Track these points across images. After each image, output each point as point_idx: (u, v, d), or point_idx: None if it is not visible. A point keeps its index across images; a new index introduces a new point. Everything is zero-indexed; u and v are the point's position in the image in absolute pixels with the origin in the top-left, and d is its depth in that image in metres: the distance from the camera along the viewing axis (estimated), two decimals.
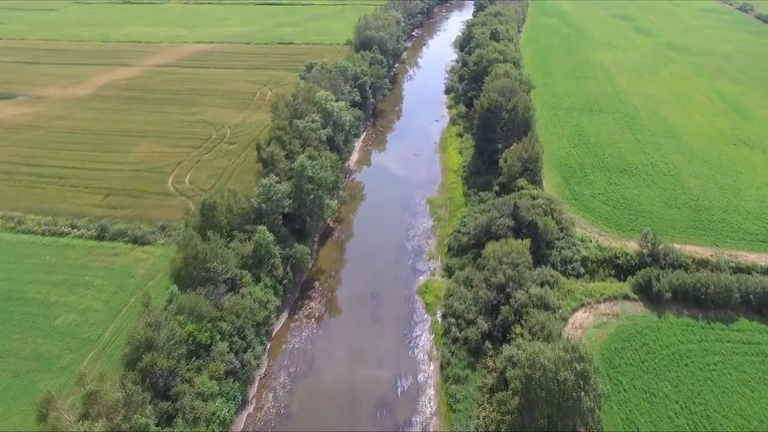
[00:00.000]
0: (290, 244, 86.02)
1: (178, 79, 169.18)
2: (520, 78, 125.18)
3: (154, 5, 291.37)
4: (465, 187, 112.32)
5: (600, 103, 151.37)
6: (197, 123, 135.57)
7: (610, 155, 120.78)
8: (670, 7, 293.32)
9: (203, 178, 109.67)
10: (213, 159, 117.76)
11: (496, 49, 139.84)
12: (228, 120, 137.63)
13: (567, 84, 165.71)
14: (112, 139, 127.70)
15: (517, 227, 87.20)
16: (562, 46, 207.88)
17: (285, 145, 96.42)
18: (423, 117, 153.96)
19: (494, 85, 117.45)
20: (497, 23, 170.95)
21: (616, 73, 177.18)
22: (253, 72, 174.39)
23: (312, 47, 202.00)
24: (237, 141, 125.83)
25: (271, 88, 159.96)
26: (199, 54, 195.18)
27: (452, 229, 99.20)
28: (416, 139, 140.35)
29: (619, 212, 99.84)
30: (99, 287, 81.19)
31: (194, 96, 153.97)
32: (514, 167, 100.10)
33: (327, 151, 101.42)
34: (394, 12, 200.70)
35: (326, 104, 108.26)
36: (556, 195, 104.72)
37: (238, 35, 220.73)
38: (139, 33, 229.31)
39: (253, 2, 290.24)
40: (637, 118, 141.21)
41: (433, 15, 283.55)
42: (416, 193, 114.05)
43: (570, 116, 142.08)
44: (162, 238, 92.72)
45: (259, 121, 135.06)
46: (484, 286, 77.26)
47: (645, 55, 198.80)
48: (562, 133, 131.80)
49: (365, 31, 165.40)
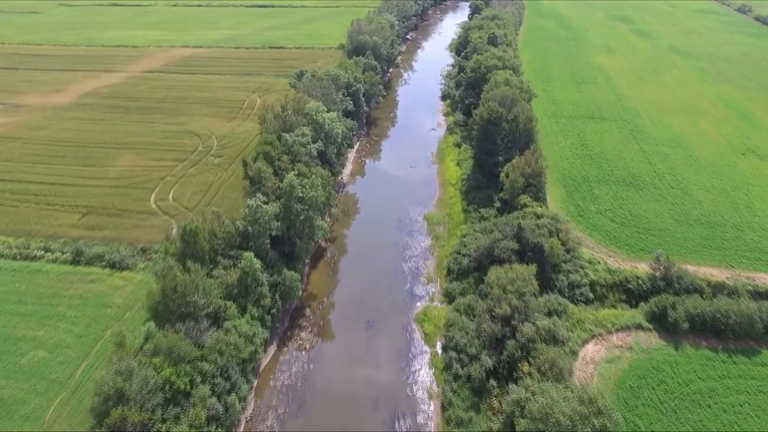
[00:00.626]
0: (279, 270, 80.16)
1: (164, 86, 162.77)
2: (520, 86, 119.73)
3: (142, 8, 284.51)
4: (464, 202, 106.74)
5: (602, 110, 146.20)
6: (183, 134, 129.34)
7: (615, 167, 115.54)
8: (668, 9, 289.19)
9: (187, 195, 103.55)
10: (198, 173, 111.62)
11: (494, 56, 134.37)
12: (215, 130, 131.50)
13: (567, 90, 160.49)
14: (92, 151, 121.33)
15: (521, 250, 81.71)
16: (561, 50, 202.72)
17: (273, 161, 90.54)
18: (419, 125, 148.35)
19: (494, 94, 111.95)
20: (494, 27, 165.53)
21: (617, 78, 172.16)
22: (243, 78, 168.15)
23: (303, 52, 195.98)
24: (224, 153, 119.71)
25: (260, 95, 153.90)
26: (187, 59, 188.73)
27: (452, 249, 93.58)
28: (412, 148, 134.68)
29: (627, 230, 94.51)
30: (72, 319, 75.00)
31: (180, 104, 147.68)
32: (516, 183, 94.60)
33: (318, 166, 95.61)
34: (388, 15, 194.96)
35: (317, 116, 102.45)
36: (561, 212, 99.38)
37: (228, 39, 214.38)
38: (125, 37, 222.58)
39: (243, 4, 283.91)
40: (641, 126, 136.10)
41: (428, 17, 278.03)
42: (413, 208, 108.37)
43: (572, 124, 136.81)
44: (142, 262, 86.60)
45: (247, 132, 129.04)
46: (488, 318, 71.68)
47: (646, 58, 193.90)
48: (564, 143, 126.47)
49: (358, 36, 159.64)
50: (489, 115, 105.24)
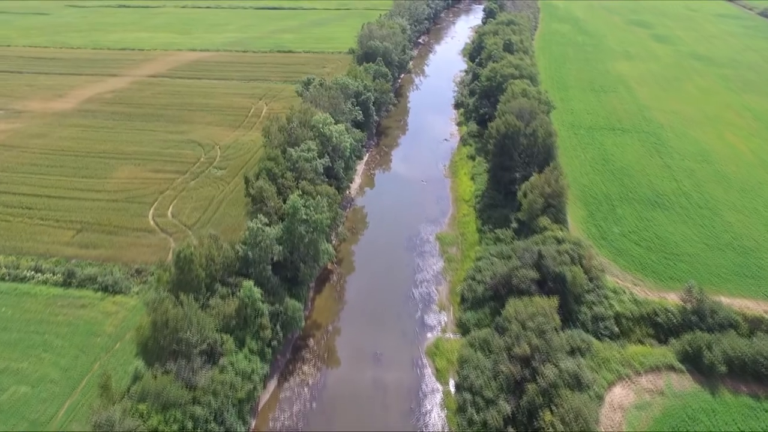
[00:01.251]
0: (281, 297, 74.77)
1: (168, 91, 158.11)
2: (538, 97, 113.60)
3: (150, 9, 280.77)
4: (479, 221, 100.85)
5: (623, 121, 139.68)
6: (185, 143, 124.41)
7: (638, 184, 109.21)
8: (687, 13, 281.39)
9: (187, 211, 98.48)
10: (200, 187, 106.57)
11: (510, 64, 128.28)
12: (219, 140, 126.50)
13: (586, 99, 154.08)
14: (91, 161, 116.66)
15: (541, 279, 75.77)
16: (578, 56, 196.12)
17: (276, 178, 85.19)
18: (431, 135, 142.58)
19: (511, 106, 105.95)
20: (510, 33, 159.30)
21: (638, 87, 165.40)
22: (249, 84, 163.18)
23: (312, 56, 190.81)
24: (227, 165, 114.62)
25: (267, 102, 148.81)
26: (193, 63, 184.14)
27: (465, 273, 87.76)
28: (424, 161, 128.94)
29: (654, 255, 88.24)
30: (58, 349, 70.04)
31: (184, 112, 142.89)
32: (535, 204, 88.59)
33: (324, 184, 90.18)
34: (400, 19, 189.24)
35: (324, 129, 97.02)
36: (582, 233, 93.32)
37: (235, 42, 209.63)
38: (131, 39, 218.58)
39: (252, 6, 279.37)
40: (664, 138, 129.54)
41: (440, 20, 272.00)
42: (424, 227, 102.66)
43: (591, 136, 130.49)
44: (136, 285, 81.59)
45: (252, 141, 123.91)
46: (506, 357, 65.85)
47: (666, 66, 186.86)
48: (584, 157, 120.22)
49: (369, 41, 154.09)
50: (506, 129, 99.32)
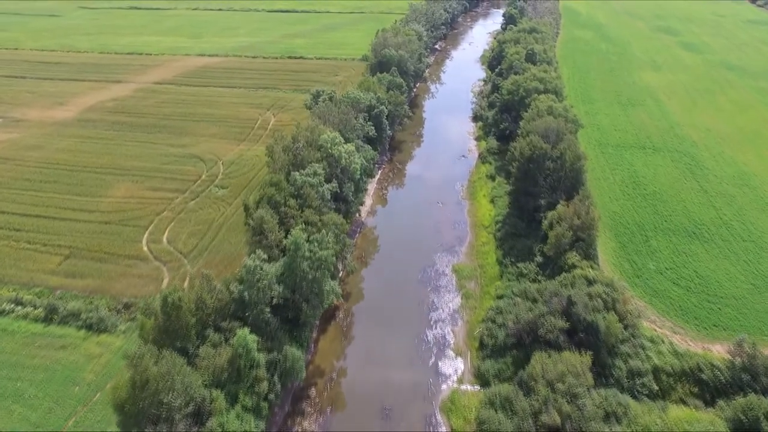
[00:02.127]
0: (280, 344, 67.19)
1: (172, 100, 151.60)
2: (565, 115, 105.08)
3: (161, 12, 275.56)
4: (499, 251, 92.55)
5: (653, 138, 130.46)
6: (187, 158, 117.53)
7: (673, 211, 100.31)
8: (715, 18, 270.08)
9: (184, 237, 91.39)
10: (199, 208, 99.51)
11: (534, 76, 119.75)
12: (222, 154, 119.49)
13: (613, 113, 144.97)
14: (87, 177, 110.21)
15: (571, 328, 67.44)
16: (603, 65, 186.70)
17: (278, 206, 77.69)
18: (448, 150, 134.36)
19: (536, 125, 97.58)
20: (533, 42, 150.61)
21: (667, 100, 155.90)
22: (257, 93, 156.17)
23: (324, 63, 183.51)
24: (229, 184, 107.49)
25: (274, 113, 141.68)
26: (201, 69, 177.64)
27: (485, 313, 79.63)
28: (440, 179, 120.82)
29: (694, 297, 79.49)
30: (31, 400, 63.12)
31: (188, 122, 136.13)
32: (563, 238, 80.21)
33: (331, 211, 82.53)
34: (416, 25, 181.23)
35: (332, 149, 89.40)
36: (613, 269, 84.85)
37: (245, 47, 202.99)
38: (140, 43, 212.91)
39: (265, 9, 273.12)
40: (699, 159, 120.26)
41: (457, 25, 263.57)
42: (440, 256, 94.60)
43: (620, 156, 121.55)
44: (124, 322, 74.61)
45: (256, 157, 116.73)
46: (531, 424, 57.66)
47: (697, 77, 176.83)
48: (613, 180, 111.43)
49: (383, 50, 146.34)
50: (531, 152, 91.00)
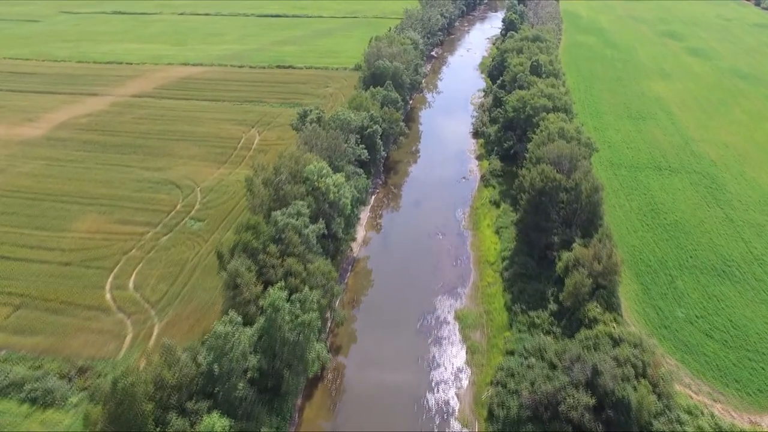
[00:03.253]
0: (258, 423, 57.01)
1: (151, 115, 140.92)
2: (578, 137, 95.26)
3: (146, 17, 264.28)
4: (508, 295, 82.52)
5: (668, 157, 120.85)
6: (161, 184, 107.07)
7: (698, 245, 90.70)
8: (720, 22, 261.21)
9: (153, 281, 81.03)
10: (172, 246, 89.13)
11: (542, 92, 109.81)
12: (201, 179, 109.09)
13: (623, 128, 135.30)
14: (49, 207, 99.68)
15: (597, 404, 57.49)
16: (608, 73, 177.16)
17: (257, 254, 67.47)
18: (447, 171, 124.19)
19: (547, 151, 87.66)
20: (537, 51, 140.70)
21: (679, 113, 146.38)
22: (242, 107, 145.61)
23: (315, 73, 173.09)
24: (207, 215, 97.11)
25: (260, 131, 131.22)
26: (183, 81, 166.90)
27: (494, 372, 69.61)
28: (439, 205, 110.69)
29: (732, 354, 69.87)
30: None
31: (165, 141, 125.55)
32: (582, 286, 70.30)
33: (319, 257, 72.37)
34: (411, 33, 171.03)
35: (319, 182, 79.21)
36: (638, 321, 75.08)
37: (232, 56, 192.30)
38: (121, 51, 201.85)
39: (254, 13, 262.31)
40: (719, 181, 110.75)
41: (454, 30, 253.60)
42: (441, 299, 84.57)
43: (635, 178, 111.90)
44: (76, 393, 64.22)
45: (237, 182, 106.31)
46: None
47: (708, 86, 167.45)
48: (629, 207, 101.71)
49: (376, 61, 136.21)
50: (543, 183, 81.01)
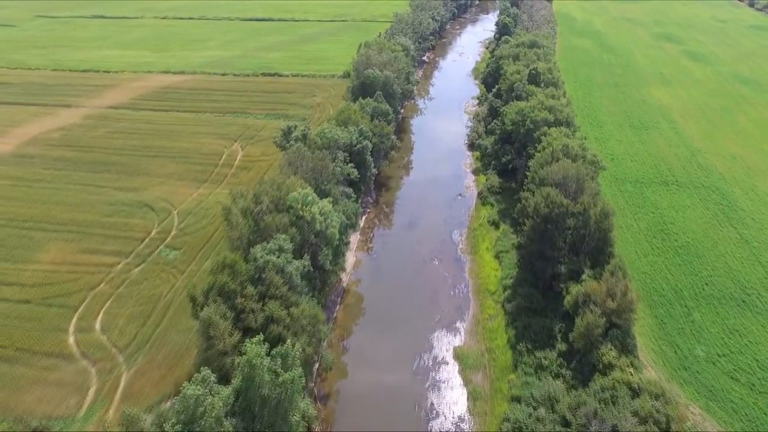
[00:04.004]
0: None
1: (127, 129, 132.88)
2: (583, 154, 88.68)
3: (127, 21, 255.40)
4: (511, 330, 75.65)
5: (675, 170, 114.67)
6: (135, 207, 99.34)
7: (713, 270, 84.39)
8: (716, 24, 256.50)
9: (122, 322, 73.44)
10: (144, 279, 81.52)
11: (543, 105, 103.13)
12: (178, 200, 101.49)
13: (625, 139, 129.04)
14: (11, 235, 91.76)
15: None
16: (607, 79, 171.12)
17: (234, 298, 60.11)
18: (442, 187, 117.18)
19: (551, 172, 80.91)
20: (534, 58, 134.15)
21: (683, 121, 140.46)
22: (224, 119, 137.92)
23: (301, 81, 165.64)
24: (184, 242, 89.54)
25: (242, 145, 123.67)
26: (163, 91, 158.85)
27: (498, 424, 62.65)
28: (434, 226, 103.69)
29: (762, 400, 63.43)
30: None
31: (142, 158, 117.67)
32: (594, 327, 63.57)
33: (304, 298, 65.08)
34: (402, 38, 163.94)
35: (304, 211, 71.95)
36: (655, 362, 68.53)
37: (215, 62, 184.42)
38: (98, 58, 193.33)
39: (239, 17, 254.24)
40: (730, 197, 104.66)
41: (445, 33, 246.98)
42: (438, 336, 77.61)
43: (641, 194, 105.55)
44: None
45: (217, 204, 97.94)
46: None
47: (710, 93, 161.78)
48: (637, 228, 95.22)
49: (366, 70, 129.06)
50: (549, 209, 74.22)
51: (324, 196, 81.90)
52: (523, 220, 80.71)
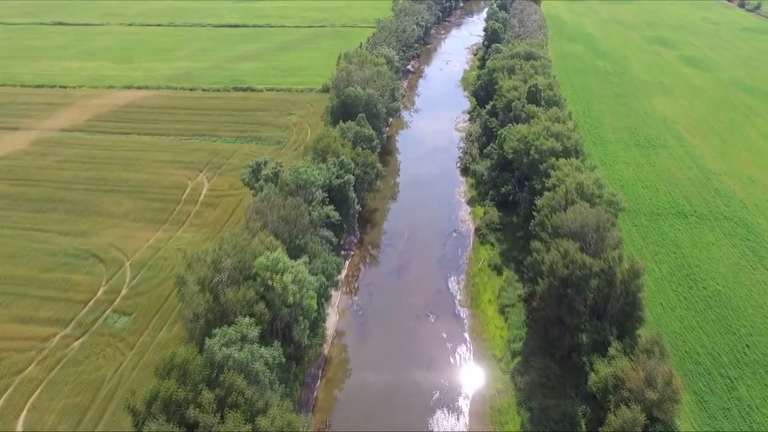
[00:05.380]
0: None
1: (80, 157, 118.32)
2: (599, 192, 76.79)
3: (91, 28, 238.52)
4: (525, 413, 63.51)
5: (691, 198, 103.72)
6: (81, 258, 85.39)
7: (752, 327, 73.33)
8: (708, 26, 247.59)
9: (52, 419, 59.86)
10: (85, 357, 67.90)
11: (548, 131, 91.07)
12: (132, 248, 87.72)
13: (633, 160, 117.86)
14: None
15: None
16: (605, 90, 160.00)
17: (184, 409, 46.99)
18: (434, 222, 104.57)
19: (567, 221, 68.94)
20: (531, 72, 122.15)
21: (690, 137, 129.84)
22: (190, 144, 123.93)
23: (276, 97, 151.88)
24: (136, 305, 75.89)
25: (209, 176, 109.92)
26: (123, 110, 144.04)
27: None
28: (427, 271, 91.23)
29: None
30: None
31: (94, 194, 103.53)
32: (634, 425, 51.60)
33: (277, 396, 52.14)
34: (385, 49, 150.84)
35: (274, 280, 58.92)
36: None
37: (183, 75, 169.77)
38: (56, 71, 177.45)
39: (211, 24, 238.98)
40: (756, 229, 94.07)
41: (430, 38, 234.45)
42: (438, 419, 65.11)
43: (658, 230, 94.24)
44: None
45: (178, 252, 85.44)
46: None
47: (714, 103, 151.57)
48: (659, 273, 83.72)
49: (347, 88, 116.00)
50: (569, 271, 62.14)
51: (299, 252, 69.02)
52: (535, 278, 68.58)
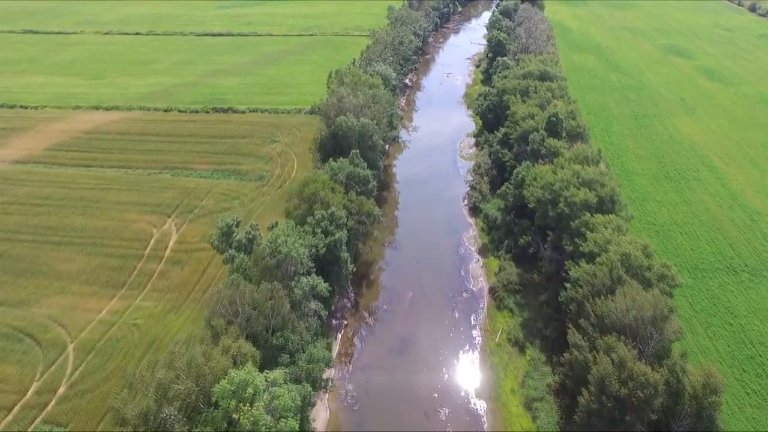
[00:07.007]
0: None
1: (31, 198, 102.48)
2: (648, 264, 62.12)
3: (63, 37, 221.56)
4: None
5: (738, 247, 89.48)
6: (12, 340, 69.92)
7: None
8: (722, 34, 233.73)
9: None
10: None
11: (580, 179, 76.17)
12: (80, 323, 72.33)
13: (666, 198, 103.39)
14: None
15: None
16: (623, 109, 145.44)
17: None
18: (441, 279, 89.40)
19: (615, 309, 54.24)
20: (548, 95, 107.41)
21: (725, 167, 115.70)
22: (160, 179, 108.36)
23: (260, 120, 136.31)
24: (76, 409, 60.41)
25: (178, 223, 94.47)
26: (87, 136, 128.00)
27: None
28: (435, 348, 76.25)
29: None
30: None
31: (42, 247, 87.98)
32: None
33: None
34: (381, 66, 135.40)
35: (241, 414, 43.84)
36: None
37: (158, 93, 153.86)
38: (19, 88, 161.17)
39: (193, 32, 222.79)
40: None
41: (428, 47, 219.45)
42: None
43: (707, 291, 79.87)
44: None
45: (134, 328, 70.24)
46: None
47: (743, 124, 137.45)
48: (716, 353, 69.27)
49: (338, 116, 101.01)
50: (629, 391, 47.41)
51: (277, 353, 53.91)
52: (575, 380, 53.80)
